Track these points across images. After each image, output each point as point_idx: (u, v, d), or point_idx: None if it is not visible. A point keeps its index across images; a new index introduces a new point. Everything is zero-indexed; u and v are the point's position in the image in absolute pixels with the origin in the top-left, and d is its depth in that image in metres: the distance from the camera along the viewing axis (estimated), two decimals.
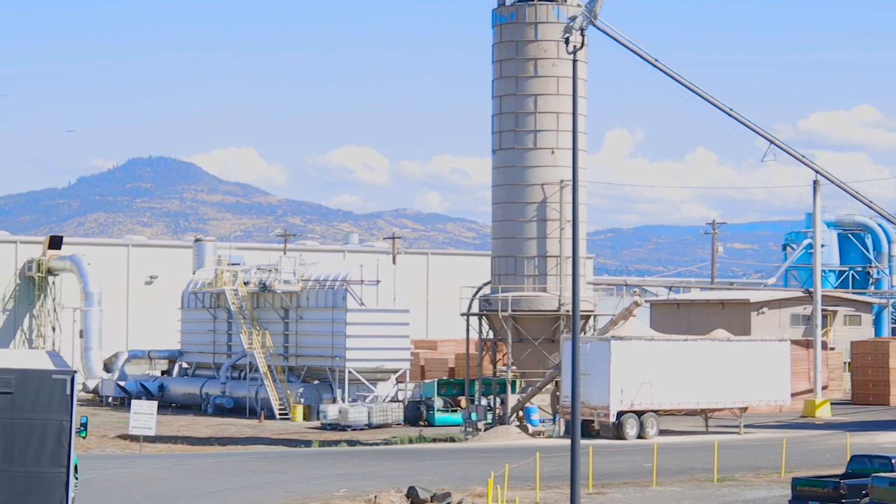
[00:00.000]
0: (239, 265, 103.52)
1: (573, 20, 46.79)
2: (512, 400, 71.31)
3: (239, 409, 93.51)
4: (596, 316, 74.84)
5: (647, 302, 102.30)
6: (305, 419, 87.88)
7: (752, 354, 71.36)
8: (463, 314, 75.59)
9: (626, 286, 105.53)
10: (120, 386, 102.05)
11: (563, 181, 70.93)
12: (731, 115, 77.12)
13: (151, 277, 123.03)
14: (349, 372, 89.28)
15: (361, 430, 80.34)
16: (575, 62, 42.95)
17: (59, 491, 32.17)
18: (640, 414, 67.15)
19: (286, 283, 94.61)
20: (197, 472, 53.10)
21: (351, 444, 72.21)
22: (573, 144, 41.75)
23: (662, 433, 68.16)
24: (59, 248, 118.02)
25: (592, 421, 66.78)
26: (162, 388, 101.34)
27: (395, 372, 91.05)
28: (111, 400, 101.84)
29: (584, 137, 72.36)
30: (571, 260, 48.47)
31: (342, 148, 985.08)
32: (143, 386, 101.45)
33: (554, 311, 71.12)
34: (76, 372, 33.31)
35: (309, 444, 72.60)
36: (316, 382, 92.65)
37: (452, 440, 71.51)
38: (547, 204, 71.56)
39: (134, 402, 66.60)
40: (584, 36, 58.72)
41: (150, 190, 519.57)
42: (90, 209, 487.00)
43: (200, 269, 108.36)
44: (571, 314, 41.94)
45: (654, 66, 74.18)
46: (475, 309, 74.57)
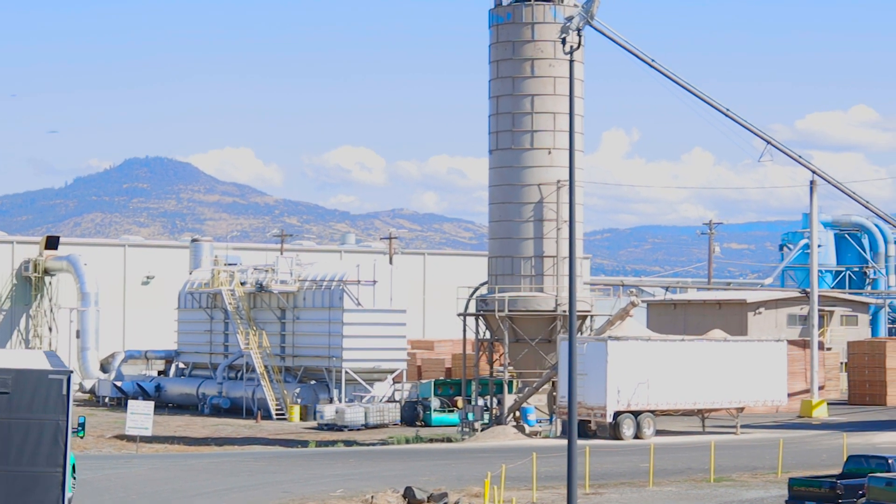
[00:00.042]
0: (236, 265, 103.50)
1: (570, 20, 46.76)
2: (508, 400, 71.29)
3: (236, 409, 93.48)
4: (593, 316, 74.87)
5: (643, 302, 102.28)
6: (302, 419, 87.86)
7: (748, 355, 71.33)
8: (460, 314, 75.55)
9: (622, 286, 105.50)
10: (116, 386, 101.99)
11: (559, 181, 70.98)
12: (727, 115, 77.10)
13: (148, 277, 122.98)
14: (346, 372, 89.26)
15: (358, 430, 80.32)
16: (572, 62, 43.03)
17: (55, 490, 32.25)
18: (636, 414, 67.14)
19: (283, 283, 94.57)
20: (193, 472, 53.09)
21: (348, 444, 72.19)
22: (570, 144, 41.75)
23: (659, 433, 68.15)
24: (55, 248, 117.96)
25: (589, 421, 66.78)
26: (158, 388, 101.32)
27: (391, 372, 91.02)
28: (108, 400, 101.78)
29: (580, 138, 72.45)
30: (568, 260, 48.41)
31: (339, 148, 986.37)
32: (139, 386, 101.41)
33: (550, 311, 71.15)
34: (72, 372, 33.36)
35: (306, 444, 72.59)
36: (313, 383, 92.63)
37: (449, 440, 71.50)
38: (544, 204, 71.57)
39: (130, 402, 66.53)
40: (580, 36, 58.54)
41: (146, 190, 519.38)
42: (87, 209, 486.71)
43: (197, 269, 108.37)
44: (568, 314, 41.96)
45: (650, 66, 74.18)
46: (472, 309, 74.57)
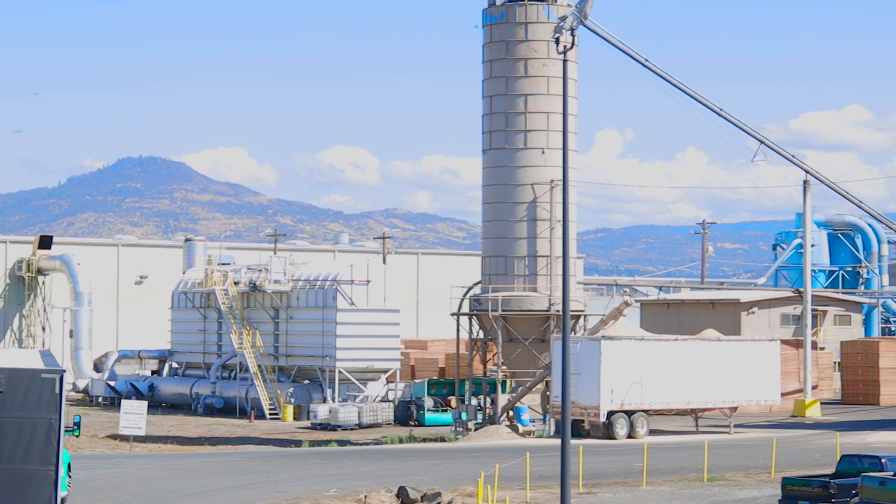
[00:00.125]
0: (229, 265, 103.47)
1: (563, 20, 46.81)
2: (502, 400, 71.31)
3: (229, 408, 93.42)
4: (586, 316, 74.88)
5: (637, 302, 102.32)
6: (296, 419, 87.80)
7: (742, 354, 71.36)
8: (453, 314, 75.55)
9: (616, 286, 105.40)
10: (110, 386, 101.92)
11: (553, 181, 70.98)
12: (721, 115, 77.15)
13: (141, 277, 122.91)
14: (339, 372, 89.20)
15: (351, 429, 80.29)
16: (565, 62, 42.99)
17: (48, 488, 32.29)
18: (630, 414, 67.15)
19: (276, 282, 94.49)
20: (187, 471, 53.04)
21: (341, 443, 72.17)
22: (563, 144, 41.73)
23: (652, 433, 68.18)
24: (48, 247, 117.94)
25: (582, 421, 66.79)
26: (152, 387, 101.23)
27: (385, 372, 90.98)
28: (101, 400, 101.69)
29: (574, 137, 72.40)
30: (561, 260, 48.41)
31: (332, 148, 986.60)
32: (133, 386, 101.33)
33: (544, 310, 71.16)
34: (65, 371, 33.42)
35: (299, 443, 72.56)
36: (306, 382, 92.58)
37: (442, 440, 71.50)
38: (537, 204, 71.58)
39: (124, 401, 66.52)
40: (574, 36, 58.73)
41: (140, 190, 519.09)
42: (80, 209, 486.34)
43: (190, 268, 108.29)
44: (561, 314, 41.96)
45: (644, 66, 74.20)
46: (465, 309, 74.54)
